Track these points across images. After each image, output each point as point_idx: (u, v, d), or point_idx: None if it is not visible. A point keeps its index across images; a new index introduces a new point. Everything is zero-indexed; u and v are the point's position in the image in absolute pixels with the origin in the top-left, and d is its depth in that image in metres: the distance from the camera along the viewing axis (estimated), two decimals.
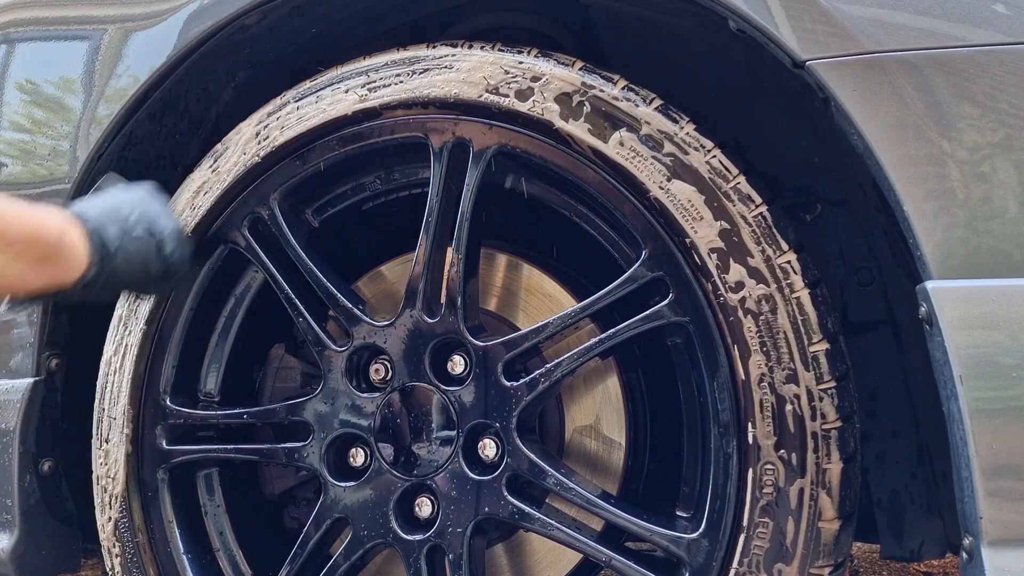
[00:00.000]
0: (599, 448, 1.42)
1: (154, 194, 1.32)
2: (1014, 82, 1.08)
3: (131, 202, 1.28)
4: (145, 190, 1.32)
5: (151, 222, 1.27)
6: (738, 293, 1.18)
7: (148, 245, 1.25)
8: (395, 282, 1.50)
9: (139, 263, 1.24)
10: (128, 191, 1.32)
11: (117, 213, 1.24)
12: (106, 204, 1.26)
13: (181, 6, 1.41)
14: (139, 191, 1.31)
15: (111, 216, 1.23)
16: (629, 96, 1.24)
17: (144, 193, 1.31)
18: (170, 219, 1.30)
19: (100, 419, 1.45)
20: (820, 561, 1.17)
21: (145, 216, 1.26)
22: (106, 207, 1.25)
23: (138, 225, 1.25)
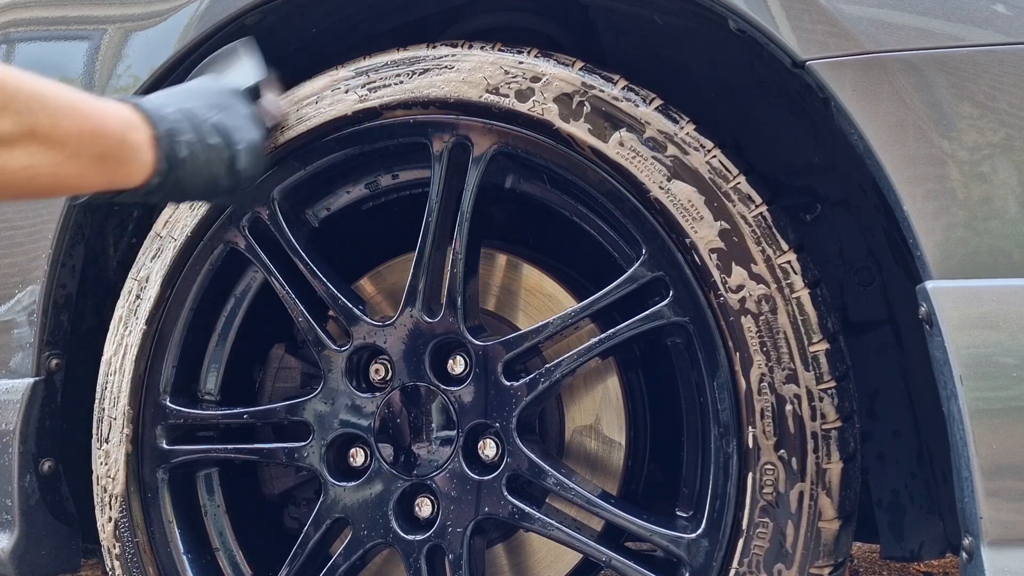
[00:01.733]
0: (599, 448, 1.42)
1: (243, 95, 1.20)
2: (1014, 82, 1.08)
3: (214, 102, 1.16)
4: (236, 88, 1.20)
5: (230, 131, 1.15)
6: (738, 293, 1.18)
7: (221, 157, 1.13)
8: (395, 282, 1.50)
9: (207, 176, 1.13)
10: (218, 85, 1.21)
11: (194, 116, 1.12)
12: (185, 102, 1.14)
13: (181, 6, 1.42)
14: (229, 88, 1.20)
15: (187, 118, 1.11)
16: (629, 96, 1.24)
17: (232, 92, 1.19)
18: (251, 129, 1.18)
19: (100, 419, 1.45)
20: (820, 561, 1.17)
21: (225, 123, 1.14)
22: (184, 106, 1.13)
23: (215, 133, 1.13)
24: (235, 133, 1.15)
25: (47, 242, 1.46)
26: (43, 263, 1.46)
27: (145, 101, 1.10)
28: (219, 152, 1.12)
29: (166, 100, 1.13)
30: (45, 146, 0.94)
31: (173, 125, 1.09)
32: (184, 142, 1.09)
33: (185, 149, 1.09)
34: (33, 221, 1.49)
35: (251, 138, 1.17)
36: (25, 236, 1.50)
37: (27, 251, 1.49)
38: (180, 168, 1.09)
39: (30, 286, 1.47)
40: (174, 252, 1.42)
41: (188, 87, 1.20)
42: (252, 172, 1.19)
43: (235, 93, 1.20)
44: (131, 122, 1.05)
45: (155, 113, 1.08)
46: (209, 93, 1.17)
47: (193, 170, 1.10)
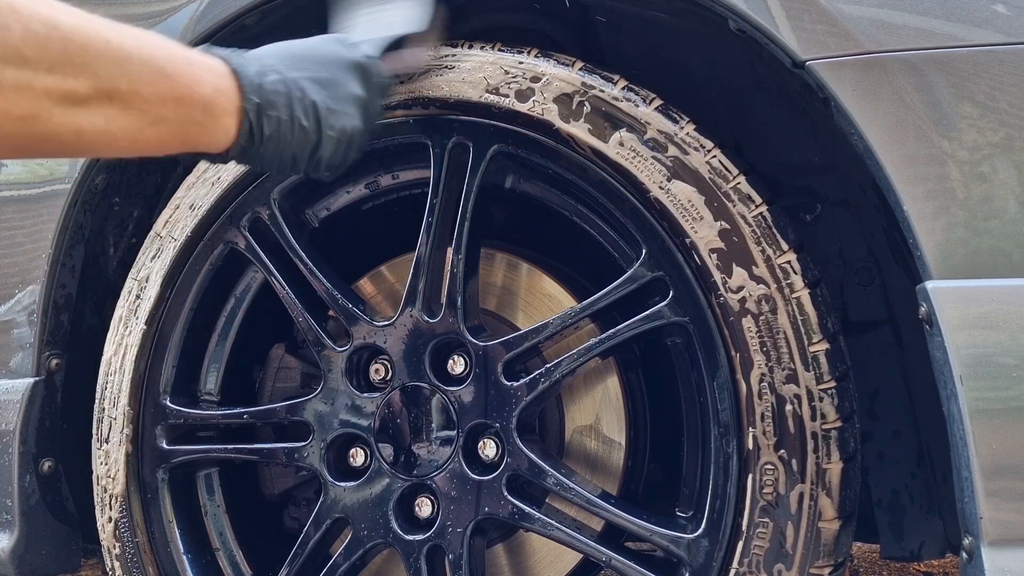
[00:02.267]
0: (599, 448, 1.42)
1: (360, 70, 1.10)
2: (1014, 82, 1.08)
3: (322, 75, 1.06)
4: (354, 62, 1.10)
5: (326, 114, 1.06)
6: (738, 293, 1.18)
7: (307, 140, 1.05)
8: (395, 282, 1.51)
9: (288, 155, 1.05)
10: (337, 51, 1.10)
11: (293, 89, 1.03)
12: (291, 68, 1.04)
13: (181, 6, 1.42)
14: (348, 59, 1.10)
15: (285, 90, 1.03)
16: (629, 96, 1.24)
17: (349, 65, 1.09)
18: (351, 116, 1.09)
19: (100, 419, 1.45)
20: (820, 561, 1.17)
21: (324, 104, 1.05)
22: (288, 75, 1.03)
23: (309, 114, 1.04)
24: (330, 117, 1.06)
25: (47, 242, 1.46)
26: (43, 263, 1.46)
27: (248, 60, 1.02)
28: (307, 135, 1.05)
29: (272, 62, 1.04)
30: (124, 110, 0.89)
31: (267, 98, 1.01)
32: (273, 118, 1.02)
33: (271, 126, 1.02)
34: (33, 221, 1.49)
35: (345, 126, 1.08)
36: (25, 236, 1.50)
37: (27, 251, 1.49)
38: (261, 144, 1.03)
39: (30, 286, 1.47)
40: (174, 252, 1.42)
41: (301, 47, 1.10)
42: (336, 161, 1.11)
43: (351, 67, 1.10)
44: (220, 88, 0.98)
45: (251, 81, 1.00)
46: (321, 62, 1.08)
47: (275, 147, 1.04)
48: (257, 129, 1.01)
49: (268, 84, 1.01)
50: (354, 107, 1.09)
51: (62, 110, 0.84)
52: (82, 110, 0.86)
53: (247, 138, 1.01)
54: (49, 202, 1.47)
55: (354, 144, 1.11)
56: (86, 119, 0.87)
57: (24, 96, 0.81)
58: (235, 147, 1.01)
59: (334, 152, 1.09)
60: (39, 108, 0.82)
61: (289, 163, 1.06)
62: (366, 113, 1.11)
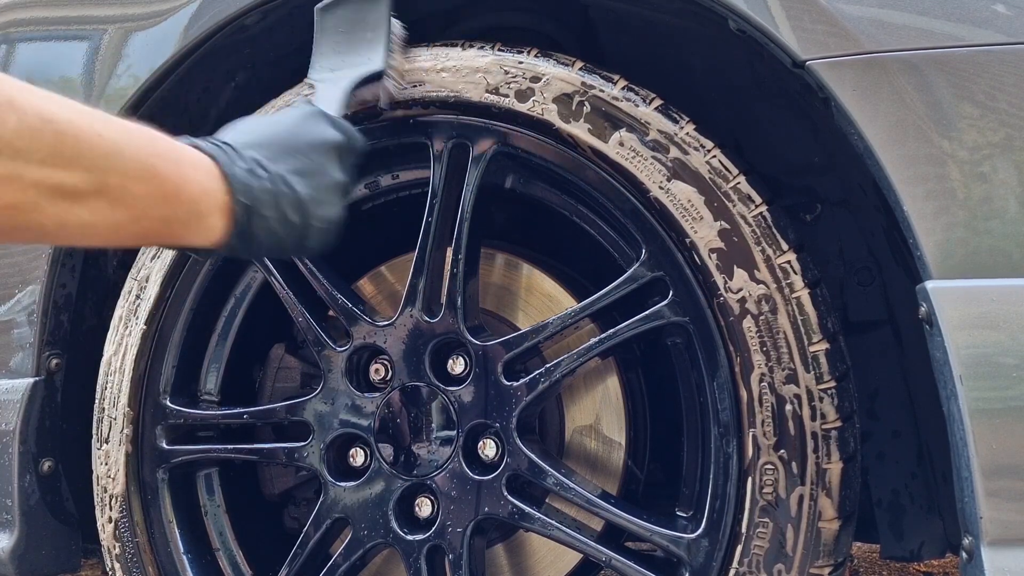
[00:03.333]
0: (599, 448, 1.42)
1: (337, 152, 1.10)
2: (1014, 82, 1.08)
3: (306, 166, 1.06)
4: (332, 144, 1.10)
5: (311, 206, 1.05)
6: (738, 293, 1.18)
7: (293, 233, 1.05)
8: (395, 282, 1.50)
9: (273, 245, 1.04)
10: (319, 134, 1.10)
11: (281, 186, 1.02)
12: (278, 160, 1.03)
13: (181, 6, 1.41)
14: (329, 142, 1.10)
15: (273, 189, 1.01)
16: (629, 96, 1.24)
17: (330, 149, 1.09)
18: (333, 203, 1.09)
19: (100, 419, 1.45)
20: (820, 561, 1.17)
21: (309, 196, 1.05)
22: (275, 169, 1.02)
23: (296, 209, 1.03)
24: (316, 209, 1.06)
25: None
26: (43, 263, 1.46)
27: (234, 156, 1.00)
28: (292, 229, 1.04)
29: (256, 155, 1.03)
30: (110, 205, 0.88)
31: (256, 197, 0.99)
32: (263, 217, 1.00)
33: (261, 225, 1.00)
34: None
35: (328, 215, 1.08)
36: None
37: (27, 251, 1.49)
38: (248, 240, 1.01)
39: (30, 286, 1.47)
40: (174, 252, 1.42)
41: (285, 132, 1.09)
42: (320, 246, 1.11)
43: (331, 149, 1.10)
44: (207, 188, 0.96)
45: (240, 182, 0.98)
46: (303, 149, 1.08)
47: (261, 241, 1.02)
48: (245, 229, 0.99)
49: (256, 184, 1.00)
50: (336, 195, 1.09)
51: (48, 202, 0.84)
52: (68, 203, 0.86)
53: (237, 238, 0.99)
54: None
55: (336, 227, 1.11)
56: (71, 212, 0.86)
57: (12, 187, 0.80)
58: (224, 245, 1.00)
59: (320, 240, 1.09)
60: (25, 199, 0.82)
61: (275, 250, 1.07)
62: (345, 196, 1.12)
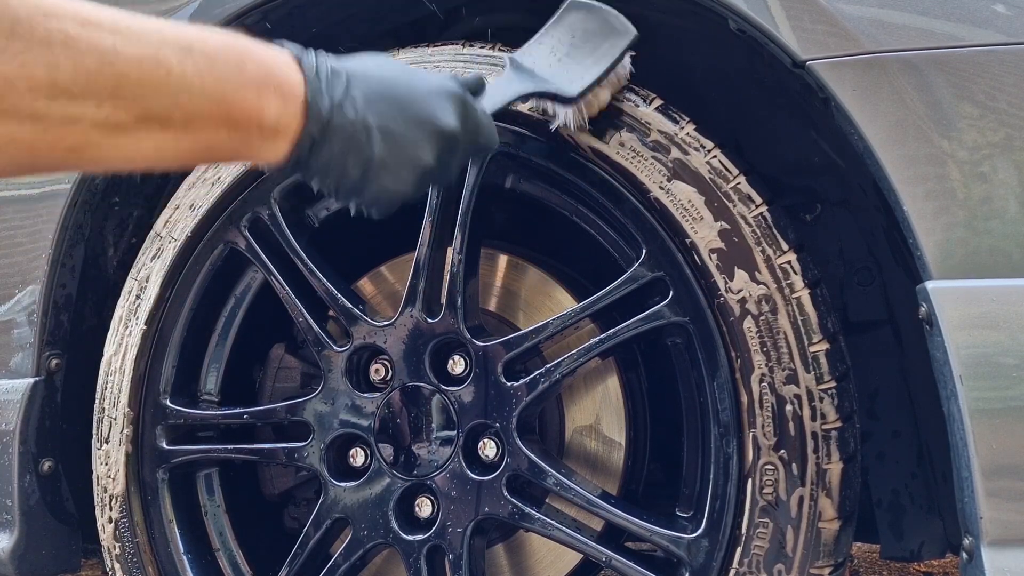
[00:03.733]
0: (599, 448, 1.42)
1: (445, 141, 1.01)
2: (1014, 82, 1.08)
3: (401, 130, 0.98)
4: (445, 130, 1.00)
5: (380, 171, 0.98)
6: (738, 293, 1.18)
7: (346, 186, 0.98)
8: (395, 282, 1.50)
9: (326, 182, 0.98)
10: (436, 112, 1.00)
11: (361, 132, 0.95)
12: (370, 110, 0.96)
13: (181, 6, 1.41)
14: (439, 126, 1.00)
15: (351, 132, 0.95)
16: (629, 96, 1.24)
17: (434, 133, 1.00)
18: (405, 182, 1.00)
19: (100, 419, 1.45)
20: (820, 561, 1.17)
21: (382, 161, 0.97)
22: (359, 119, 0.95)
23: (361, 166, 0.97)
24: (381, 174, 0.98)
25: (47, 242, 1.46)
26: (43, 263, 1.46)
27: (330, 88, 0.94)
28: (347, 181, 0.98)
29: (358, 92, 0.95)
30: (175, 137, 0.85)
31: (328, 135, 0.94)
32: (323, 156, 0.95)
33: (318, 165, 0.95)
34: (33, 221, 1.49)
35: (391, 187, 1.00)
36: (25, 236, 1.50)
37: (27, 251, 1.49)
38: (304, 168, 0.96)
39: (30, 286, 1.47)
40: (174, 252, 1.42)
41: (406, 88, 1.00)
42: (372, 207, 1.04)
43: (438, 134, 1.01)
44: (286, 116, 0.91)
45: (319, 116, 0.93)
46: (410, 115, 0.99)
47: (314, 176, 0.97)
48: (306, 159, 0.94)
49: (336, 121, 0.94)
50: (412, 174, 1.01)
51: (111, 140, 0.82)
52: (131, 138, 0.83)
53: (294, 163, 0.95)
54: (49, 202, 1.47)
55: (395, 202, 1.03)
56: (135, 146, 0.84)
57: (72, 130, 0.79)
58: (279, 166, 0.96)
59: (371, 203, 1.03)
60: (87, 139, 0.80)
61: (329, 189, 1.00)
62: (424, 181, 1.03)
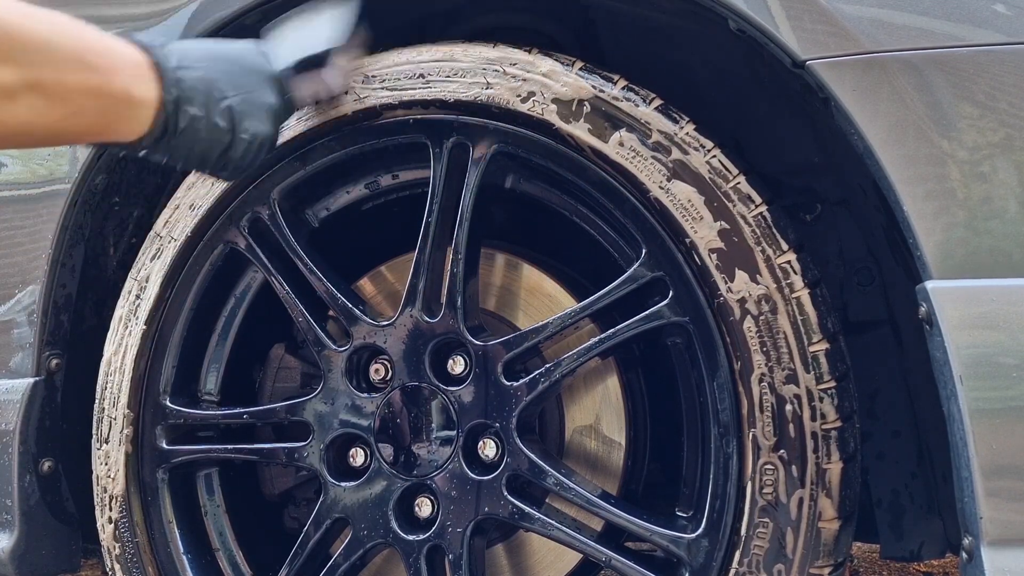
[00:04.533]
0: (599, 448, 1.42)
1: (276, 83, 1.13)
2: (1014, 82, 1.08)
3: (241, 81, 1.08)
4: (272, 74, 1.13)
5: (241, 116, 1.08)
6: (738, 293, 1.18)
7: (219, 140, 1.07)
8: (395, 282, 1.51)
9: (198, 151, 1.07)
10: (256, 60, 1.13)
11: (211, 89, 1.05)
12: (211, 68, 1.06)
13: (181, 6, 1.41)
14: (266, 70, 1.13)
15: (204, 89, 1.04)
16: (629, 96, 1.24)
17: (267, 76, 1.12)
18: (264, 122, 1.12)
19: (100, 419, 1.45)
20: (820, 561, 1.17)
21: (239, 108, 1.07)
22: (207, 74, 1.05)
23: (224, 115, 1.06)
24: (244, 120, 1.09)
25: (47, 242, 1.46)
26: (43, 263, 1.46)
27: (170, 53, 1.04)
28: (219, 135, 1.07)
29: (193, 58, 1.05)
30: (46, 101, 0.90)
31: (184, 93, 1.02)
32: (189, 113, 1.03)
33: (186, 120, 1.03)
34: (33, 221, 1.49)
35: (258, 131, 1.11)
36: (25, 236, 1.50)
37: (27, 251, 1.49)
38: (174, 136, 1.04)
39: (30, 286, 1.47)
40: (174, 252, 1.42)
41: (224, 50, 1.12)
42: (244, 163, 1.14)
43: (269, 78, 1.14)
44: (140, 78, 0.99)
45: (171, 75, 1.02)
46: (241, 68, 1.11)
47: (187, 142, 1.05)
48: (172, 122, 1.02)
49: (187, 79, 1.03)
50: (267, 115, 1.12)
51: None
52: (7, 102, 0.86)
53: (161, 129, 1.02)
54: (49, 202, 1.47)
55: (263, 149, 1.14)
56: (9, 111, 0.87)
57: None
58: (148, 137, 1.02)
59: (244, 154, 1.11)
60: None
61: (197, 159, 1.08)
62: (276, 121, 1.14)
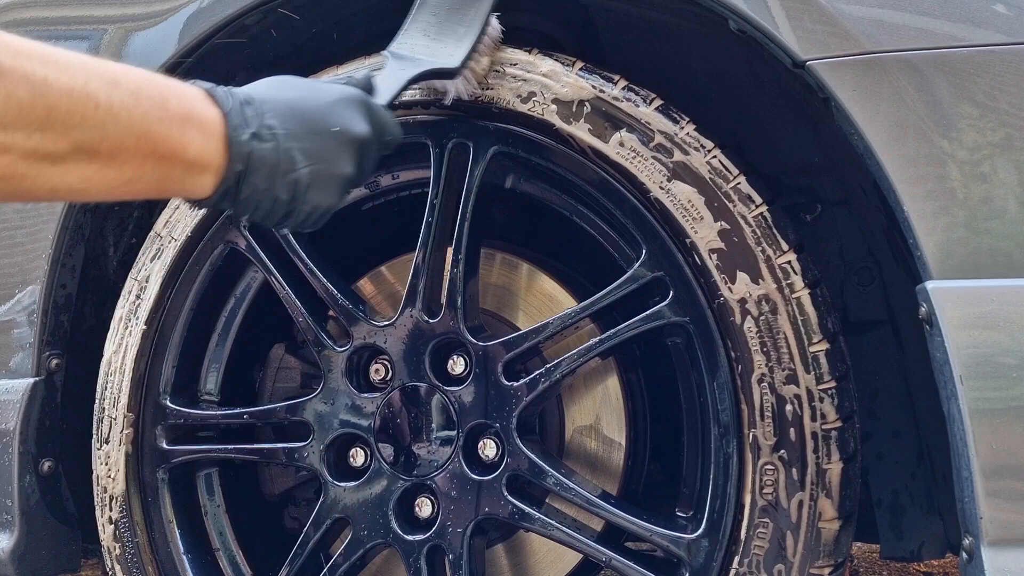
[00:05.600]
0: (599, 448, 1.42)
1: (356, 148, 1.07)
2: (1014, 82, 1.08)
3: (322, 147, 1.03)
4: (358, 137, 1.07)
5: (307, 190, 1.03)
6: (738, 293, 1.18)
7: (278, 209, 1.03)
8: (395, 282, 1.50)
9: (254, 212, 1.03)
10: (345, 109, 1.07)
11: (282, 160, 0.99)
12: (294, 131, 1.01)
13: (181, 6, 1.41)
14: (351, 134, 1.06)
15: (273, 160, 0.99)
16: (629, 96, 1.24)
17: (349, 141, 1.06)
18: (332, 193, 1.06)
19: (100, 419, 1.45)
20: (820, 561, 1.17)
21: (308, 180, 1.02)
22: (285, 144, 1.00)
23: (290, 188, 1.01)
24: (308, 192, 1.03)
25: (47, 242, 1.46)
26: (43, 263, 1.46)
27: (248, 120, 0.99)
28: (279, 206, 1.03)
29: (273, 121, 1.00)
30: (101, 169, 0.88)
31: (253, 165, 0.98)
32: (251, 184, 0.99)
33: (247, 191, 1.00)
34: (33, 221, 1.49)
35: (321, 202, 1.06)
36: (25, 236, 1.50)
37: (27, 251, 1.49)
38: (235, 202, 1.01)
39: (30, 286, 1.47)
40: (174, 252, 1.42)
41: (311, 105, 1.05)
42: (303, 227, 1.10)
43: (352, 142, 1.06)
44: (207, 150, 0.95)
45: (241, 148, 0.97)
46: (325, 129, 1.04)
47: (247, 206, 1.02)
48: (233, 190, 0.99)
49: (258, 151, 0.98)
50: (338, 187, 1.07)
51: (38, 169, 0.83)
52: (58, 169, 0.85)
53: (221, 195, 0.99)
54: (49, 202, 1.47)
55: (326, 216, 1.10)
56: (61, 177, 0.86)
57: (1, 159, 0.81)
58: (208, 202, 1.00)
59: (303, 220, 1.08)
60: (15, 170, 0.82)
61: (260, 218, 1.05)
62: (348, 189, 1.10)
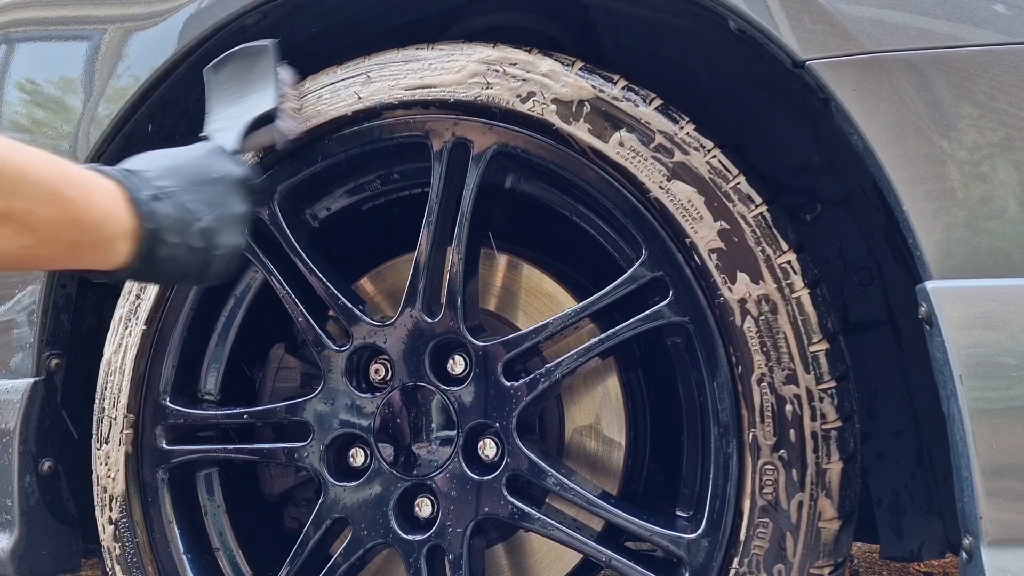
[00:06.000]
0: (599, 448, 1.42)
1: (240, 188, 1.15)
2: (1014, 82, 1.08)
3: (213, 197, 1.10)
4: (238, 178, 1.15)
5: (216, 235, 1.10)
6: (738, 293, 1.18)
7: (197, 260, 1.09)
8: (395, 282, 1.50)
9: (177, 272, 1.08)
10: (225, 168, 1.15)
11: (186, 216, 1.06)
12: (186, 191, 1.07)
13: (181, 6, 1.41)
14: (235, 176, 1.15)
15: (179, 217, 1.05)
16: (629, 96, 1.24)
17: (235, 183, 1.14)
18: (236, 233, 1.14)
19: (100, 419, 1.45)
20: (820, 561, 1.17)
21: (214, 226, 1.09)
22: (181, 199, 1.06)
23: (201, 237, 1.08)
24: (218, 237, 1.10)
25: None
26: None
27: (141, 182, 1.04)
28: (197, 255, 1.08)
29: (165, 184, 1.06)
30: (17, 230, 0.90)
31: (162, 223, 1.03)
32: (168, 243, 1.04)
33: (166, 251, 1.04)
34: None
35: (232, 244, 1.13)
36: None
37: None
38: (153, 264, 1.05)
39: (30, 286, 1.47)
40: None
41: (186, 162, 1.13)
42: (221, 274, 1.15)
43: (236, 184, 1.15)
44: (113, 212, 1.00)
45: (146, 207, 1.02)
46: (208, 179, 1.12)
47: (167, 267, 1.06)
48: (150, 252, 1.03)
49: (162, 211, 1.04)
50: (238, 226, 1.14)
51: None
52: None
53: (141, 260, 1.03)
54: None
55: (236, 257, 1.16)
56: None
57: None
58: (128, 269, 1.04)
59: (223, 268, 1.14)
60: None
61: (179, 277, 1.11)
62: (245, 227, 1.17)
